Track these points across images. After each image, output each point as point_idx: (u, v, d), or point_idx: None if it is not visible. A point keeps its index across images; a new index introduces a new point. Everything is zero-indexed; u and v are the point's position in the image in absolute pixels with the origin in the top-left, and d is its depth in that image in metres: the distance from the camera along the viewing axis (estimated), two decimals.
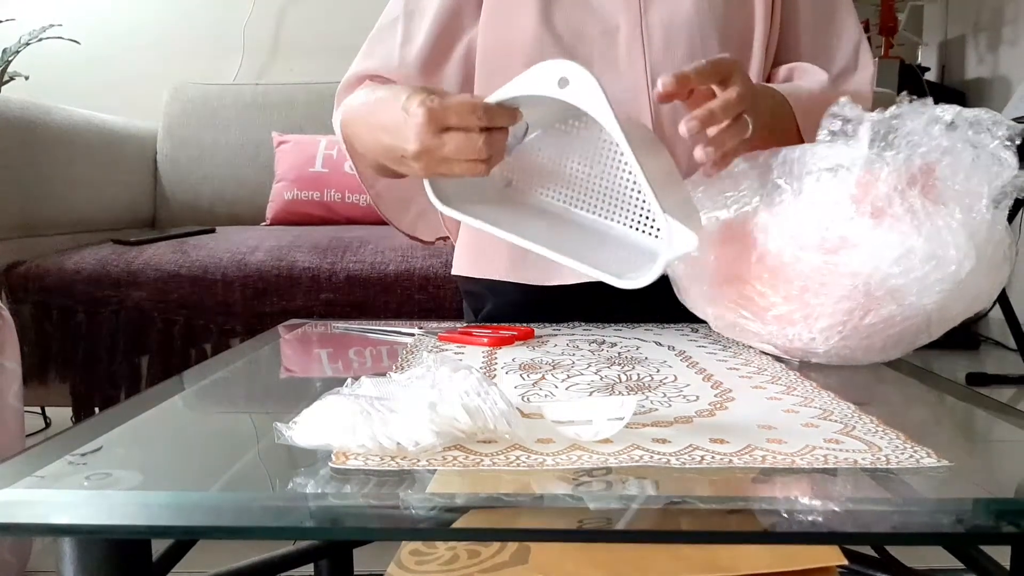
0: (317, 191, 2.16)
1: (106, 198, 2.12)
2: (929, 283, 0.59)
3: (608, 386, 0.60)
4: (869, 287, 0.60)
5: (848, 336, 0.63)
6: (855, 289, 0.61)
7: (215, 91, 2.41)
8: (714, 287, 0.70)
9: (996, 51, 3.19)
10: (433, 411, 0.44)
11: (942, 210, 0.59)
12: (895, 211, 0.59)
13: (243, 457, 0.46)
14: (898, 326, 0.62)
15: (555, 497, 0.40)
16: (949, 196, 0.59)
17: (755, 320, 0.67)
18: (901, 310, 0.61)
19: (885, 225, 0.59)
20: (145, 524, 0.40)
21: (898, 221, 0.59)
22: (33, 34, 2.36)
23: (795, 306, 0.64)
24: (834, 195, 0.60)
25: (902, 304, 0.60)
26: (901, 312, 0.61)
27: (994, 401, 0.62)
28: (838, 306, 0.62)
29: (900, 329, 0.63)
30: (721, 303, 0.69)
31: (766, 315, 0.65)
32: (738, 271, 0.67)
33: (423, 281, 1.54)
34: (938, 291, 0.59)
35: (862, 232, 0.59)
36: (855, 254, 0.60)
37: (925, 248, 0.58)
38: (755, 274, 0.65)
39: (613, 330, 0.85)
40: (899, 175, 0.58)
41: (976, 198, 0.59)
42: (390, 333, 0.87)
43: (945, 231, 0.58)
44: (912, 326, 0.63)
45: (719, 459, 0.44)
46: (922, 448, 0.46)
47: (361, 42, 1.01)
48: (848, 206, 0.59)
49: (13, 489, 0.42)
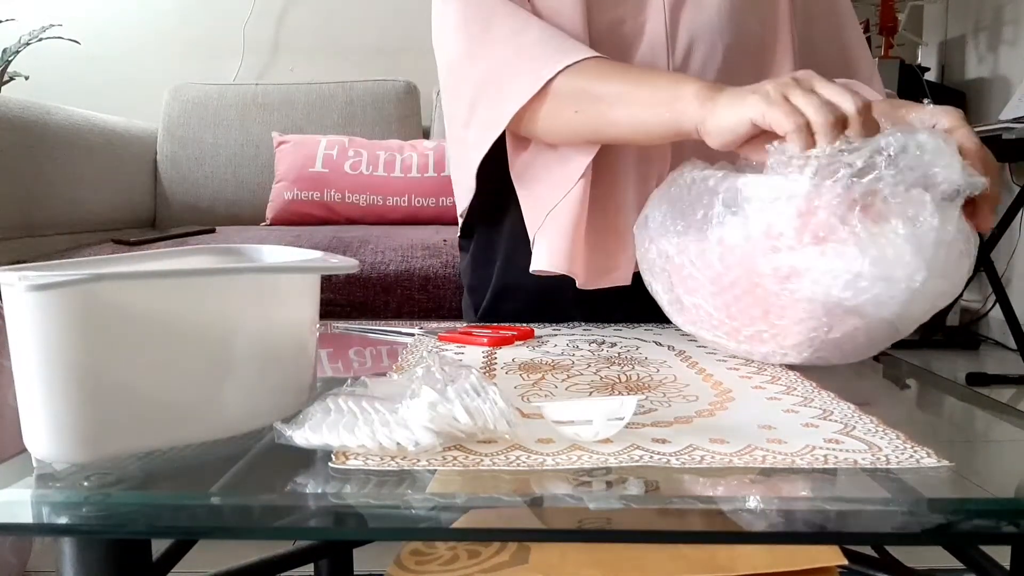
0: (317, 191, 2.16)
1: (106, 198, 2.12)
2: (883, 300, 0.60)
3: (608, 386, 0.60)
4: (828, 309, 0.62)
5: (819, 348, 0.65)
6: (813, 311, 0.62)
7: (215, 91, 2.42)
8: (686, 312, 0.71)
9: (996, 51, 3.19)
10: (433, 411, 0.44)
11: (885, 228, 0.59)
12: (839, 237, 0.60)
13: (243, 457, 0.46)
14: (865, 335, 0.64)
15: (555, 497, 0.40)
16: (892, 212, 0.60)
17: (729, 339, 0.68)
18: (864, 322, 0.62)
19: (830, 253, 0.60)
20: (145, 524, 0.40)
21: (842, 246, 0.59)
22: (33, 34, 2.36)
23: (763, 327, 0.65)
24: (778, 226, 0.61)
25: (864, 317, 0.62)
26: (865, 324, 0.63)
27: (994, 401, 0.62)
28: (802, 326, 0.63)
29: (867, 336, 0.64)
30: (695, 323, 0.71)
31: (738, 336, 0.67)
32: (701, 298, 0.68)
33: (423, 281, 1.54)
34: (896, 303, 0.60)
35: (808, 261, 0.60)
36: (805, 282, 0.61)
37: (871, 271, 0.59)
38: (720, 303, 0.66)
39: (613, 330, 0.85)
40: (840, 202, 0.59)
41: (920, 207, 0.59)
42: (390, 333, 0.87)
43: (889, 250, 0.59)
44: (880, 332, 0.64)
45: (719, 459, 0.44)
46: (922, 448, 0.46)
47: (361, 42, 1.00)
48: (791, 236, 0.61)
49: (13, 489, 0.42)
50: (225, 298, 0.47)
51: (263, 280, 0.51)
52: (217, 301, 0.47)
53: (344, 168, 2.18)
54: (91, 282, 0.42)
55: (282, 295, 0.51)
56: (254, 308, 0.49)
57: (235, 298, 0.48)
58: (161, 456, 0.45)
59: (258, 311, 0.49)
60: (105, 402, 0.43)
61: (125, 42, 2.68)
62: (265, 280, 0.51)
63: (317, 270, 0.55)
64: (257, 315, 0.49)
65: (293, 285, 0.53)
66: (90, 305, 0.42)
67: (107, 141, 2.14)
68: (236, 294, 0.48)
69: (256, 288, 0.49)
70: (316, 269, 0.55)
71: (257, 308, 0.49)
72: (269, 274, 0.53)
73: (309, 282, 0.54)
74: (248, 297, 0.49)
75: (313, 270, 0.55)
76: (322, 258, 0.57)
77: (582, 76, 0.79)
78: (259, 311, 0.49)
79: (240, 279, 0.49)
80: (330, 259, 0.56)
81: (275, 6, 2.72)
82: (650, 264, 0.73)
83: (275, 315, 0.50)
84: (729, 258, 0.64)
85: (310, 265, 0.56)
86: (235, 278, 0.49)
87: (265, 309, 0.50)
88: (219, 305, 0.47)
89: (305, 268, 0.55)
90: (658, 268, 0.72)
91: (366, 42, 2.66)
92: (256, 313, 0.49)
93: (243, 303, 0.48)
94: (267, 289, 0.50)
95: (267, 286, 0.50)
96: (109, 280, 0.43)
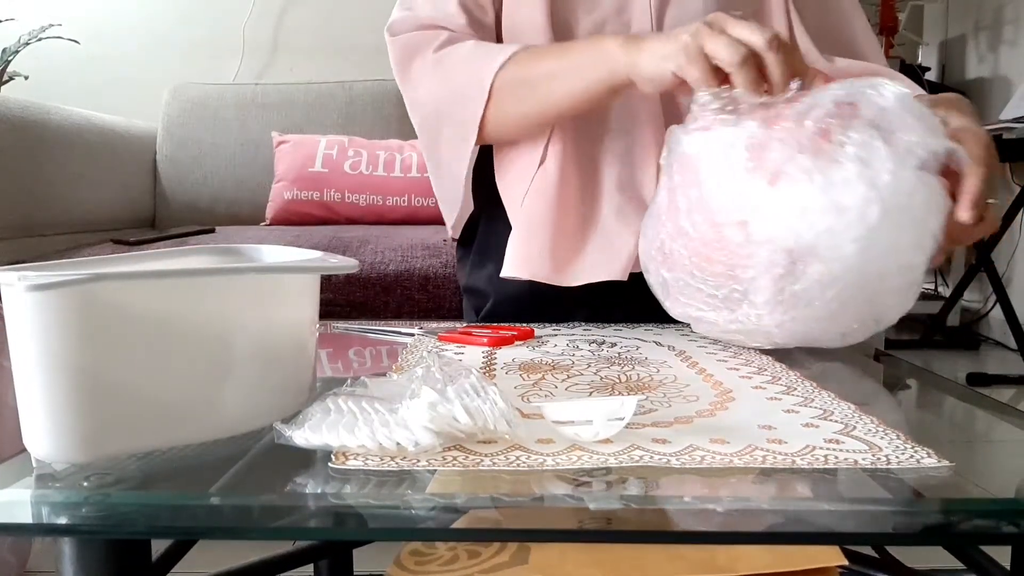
0: (317, 191, 2.16)
1: (106, 198, 2.12)
2: (838, 231, 0.61)
3: (608, 386, 0.60)
4: (787, 249, 0.62)
5: (790, 307, 0.65)
6: (776, 254, 0.63)
7: (215, 91, 2.42)
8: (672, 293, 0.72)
9: (996, 51, 3.19)
10: (433, 411, 0.44)
11: (835, 167, 0.61)
12: (789, 174, 0.61)
13: (243, 457, 0.46)
14: (833, 288, 0.63)
15: (555, 497, 0.40)
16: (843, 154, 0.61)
17: (709, 308, 0.69)
18: (827, 268, 0.62)
19: (782, 187, 0.61)
20: (144, 524, 0.40)
21: (793, 182, 0.61)
22: (33, 34, 2.36)
23: (733, 284, 0.66)
24: (731, 171, 0.62)
25: (824, 260, 0.62)
26: (828, 271, 0.62)
27: (994, 401, 0.62)
28: (768, 274, 0.64)
29: (838, 293, 0.64)
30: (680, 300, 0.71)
31: (715, 301, 0.68)
32: (681, 272, 0.69)
33: (423, 281, 1.54)
34: (852, 239, 0.60)
35: (764, 198, 0.62)
36: (764, 221, 0.62)
37: (821, 200, 0.60)
38: (694, 263, 0.67)
39: (613, 330, 0.85)
40: (792, 142, 0.61)
41: (872, 151, 0.60)
42: (390, 333, 0.87)
43: (839, 181, 0.60)
44: (852, 292, 0.64)
45: (719, 459, 0.44)
46: (922, 448, 0.46)
47: (361, 42, 1.01)
48: (745, 177, 0.62)
49: (13, 489, 0.42)
50: (225, 298, 0.47)
51: (263, 280, 0.51)
52: (217, 301, 0.47)
53: (344, 168, 2.18)
54: (90, 282, 0.42)
55: (282, 295, 0.51)
56: (254, 308, 0.49)
57: (235, 298, 0.48)
58: (160, 456, 0.45)
59: (258, 311, 0.49)
60: (105, 402, 0.43)
61: (125, 42, 2.68)
62: (265, 280, 0.51)
63: (317, 270, 0.55)
64: (257, 315, 0.49)
65: (293, 285, 0.53)
66: (89, 305, 0.42)
67: (107, 141, 2.14)
68: (236, 294, 0.48)
69: (256, 288, 0.49)
70: (316, 269, 0.55)
71: (257, 308, 0.49)
72: (269, 274, 0.53)
73: (309, 282, 0.54)
74: (248, 297, 0.49)
75: (313, 270, 0.55)
76: (322, 258, 0.57)
77: (514, 69, 0.84)
78: (259, 311, 0.49)
79: (240, 279, 0.49)
80: (330, 259, 0.56)
81: (275, 6, 2.71)
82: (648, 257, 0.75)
83: (275, 315, 0.50)
84: (696, 217, 0.66)
85: (310, 265, 0.56)
86: (235, 278, 0.49)
87: (265, 309, 0.50)
88: (219, 305, 0.47)
89: (305, 268, 0.55)
90: (650, 255, 0.73)
91: (366, 42, 2.65)
92: (256, 313, 0.49)
93: (243, 303, 0.48)
94: (267, 289, 0.50)
95: (267, 286, 0.50)
96: (108, 280, 0.43)
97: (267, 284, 0.51)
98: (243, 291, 0.49)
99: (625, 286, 0.87)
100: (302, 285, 0.53)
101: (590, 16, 0.90)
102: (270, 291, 0.50)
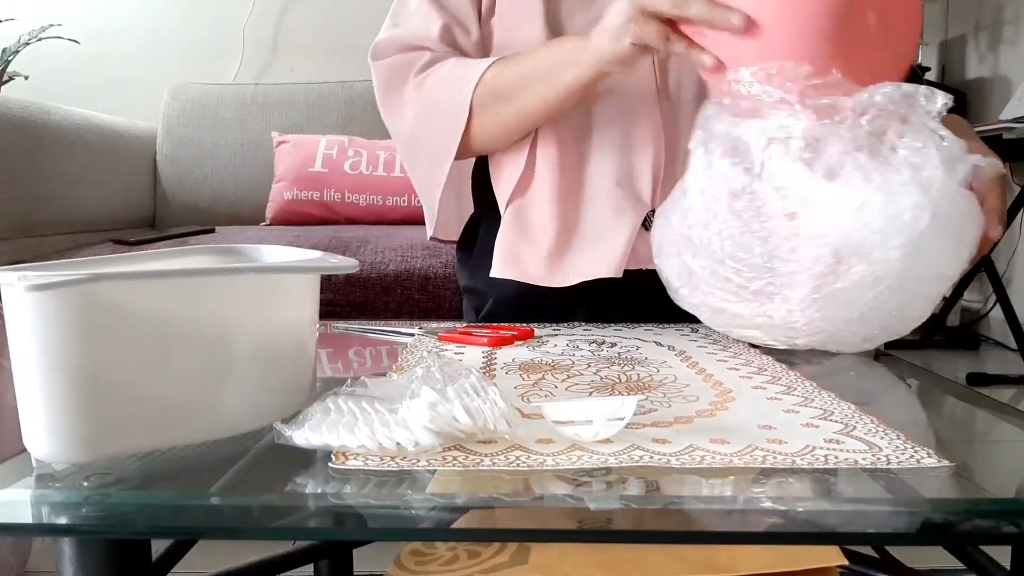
0: (317, 191, 2.16)
1: (106, 198, 2.12)
2: (889, 234, 0.60)
3: (608, 386, 0.60)
4: (835, 247, 0.61)
5: (825, 306, 0.64)
6: (822, 250, 0.62)
7: (215, 91, 2.42)
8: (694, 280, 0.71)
9: (996, 51, 3.19)
10: (433, 411, 0.44)
11: (892, 169, 0.60)
12: (847, 171, 0.60)
13: (243, 457, 0.46)
14: (873, 290, 0.63)
15: (555, 497, 0.40)
16: (897, 158, 0.61)
17: (737, 300, 0.67)
18: (871, 269, 0.62)
19: (840, 184, 0.61)
20: (144, 524, 0.40)
21: (851, 179, 0.60)
22: (33, 34, 2.36)
23: (769, 277, 0.65)
24: (786, 162, 0.61)
25: (869, 261, 0.61)
26: (871, 272, 0.62)
27: (994, 401, 0.62)
28: (809, 271, 0.63)
29: (876, 296, 0.63)
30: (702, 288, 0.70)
31: (745, 292, 0.66)
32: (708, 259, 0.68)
33: (423, 281, 1.54)
34: (900, 243, 0.60)
35: (819, 193, 0.61)
36: (816, 215, 0.61)
37: (879, 199, 0.60)
38: (727, 252, 0.66)
39: (613, 330, 0.85)
40: (850, 138, 0.60)
41: (926, 159, 0.60)
42: (390, 333, 0.87)
43: (897, 184, 0.60)
44: (888, 296, 0.63)
45: (719, 459, 0.44)
46: (922, 448, 0.46)
47: (361, 42, 1.02)
48: (802, 169, 0.61)
49: (13, 489, 0.42)
50: (225, 298, 0.47)
51: (263, 280, 0.51)
52: (217, 301, 0.47)
53: (344, 168, 2.18)
54: (90, 282, 0.42)
55: (282, 295, 0.51)
56: (254, 308, 0.49)
57: (235, 298, 0.48)
58: (160, 456, 0.45)
59: (258, 311, 0.49)
60: (104, 402, 0.43)
61: (125, 42, 2.68)
62: (265, 280, 0.51)
63: (317, 270, 0.55)
64: (257, 315, 0.49)
65: (293, 285, 0.52)
66: (89, 305, 0.42)
67: (107, 141, 2.14)
68: (236, 294, 0.48)
69: (256, 288, 0.49)
70: (316, 269, 0.55)
71: (257, 308, 0.49)
72: (269, 274, 0.53)
73: (309, 282, 0.54)
74: (248, 297, 0.49)
75: (313, 270, 0.55)
76: (322, 258, 0.57)
77: (487, 84, 0.86)
78: (259, 311, 0.49)
79: (240, 279, 0.49)
80: (330, 259, 0.56)
81: (275, 6, 2.72)
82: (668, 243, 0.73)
83: (275, 315, 0.50)
84: (737, 204, 0.64)
85: (310, 265, 0.56)
86: (235, 278, 0.49)
87: (265, 309, 0.50)
88: (219, 305, 0.47)
89: (305, 268, 0.55)
90: (670, 240, 0.72)
91: (366, 42, 2.62)
92: (256, 313, 0.49)
93: (243, 303, 0.48)
94: (267, 289, 0.50)
95: (267, 286, 0.50)
96: (108, 280, 0.43)
97: (267, 284, 0.50)
98: (243, 291, 0.49)
99: (625, 285, 0.87)
100: (302, 285, 0.53)
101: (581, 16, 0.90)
102: (270, 291, 0.50)
